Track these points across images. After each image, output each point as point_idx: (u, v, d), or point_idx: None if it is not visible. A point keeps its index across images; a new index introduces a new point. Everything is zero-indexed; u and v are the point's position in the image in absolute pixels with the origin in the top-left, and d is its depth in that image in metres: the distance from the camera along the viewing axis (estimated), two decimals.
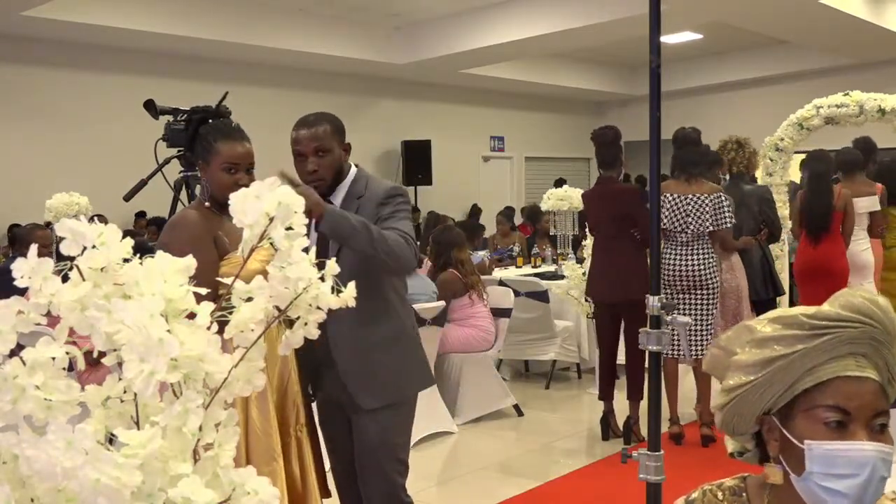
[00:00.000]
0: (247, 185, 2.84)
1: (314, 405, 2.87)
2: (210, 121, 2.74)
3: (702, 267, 4.79)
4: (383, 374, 2.68)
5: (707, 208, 4.76)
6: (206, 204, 2.60)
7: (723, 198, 4.81)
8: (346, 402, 2.70)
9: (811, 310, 1.21)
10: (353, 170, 2.74)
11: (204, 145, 2.59)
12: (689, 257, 4.80)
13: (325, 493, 2.77)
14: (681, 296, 4.83)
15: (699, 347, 4.82)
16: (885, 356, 1.20)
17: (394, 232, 2.55)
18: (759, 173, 6.37)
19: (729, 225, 4.81)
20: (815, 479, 1.17)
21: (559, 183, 9.72)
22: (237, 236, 2.92)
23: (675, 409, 5.00)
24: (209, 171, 2.57)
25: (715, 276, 4.84)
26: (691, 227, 4.76)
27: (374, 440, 2.68)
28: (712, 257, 4.86)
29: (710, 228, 4.78)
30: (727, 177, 5.61)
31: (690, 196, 4.79)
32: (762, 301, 5.45)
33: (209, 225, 2.52)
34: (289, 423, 2.62)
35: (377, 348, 2.67)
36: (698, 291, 4.81)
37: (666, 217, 4.80)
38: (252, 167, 2.61)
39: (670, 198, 4.81)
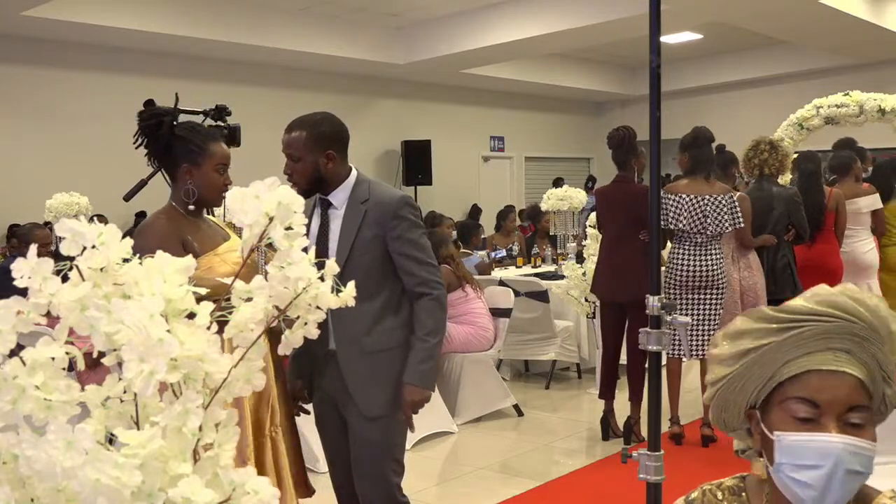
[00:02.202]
0: (229, 184, 2.80)
1: (311, 405, 2.86)
2: (174, 122, 2.65)
3: (714, 267, 4.82)
4: (387, 381, 2.66)
5: (724, 209, 4.79)
6: (174, 205, 2.59)
7: (734, 197, 4.84)
8: (347, 405, 2.69)
9: (790, 304, 1.23)
10: (354, 173, 2.71)
11: (192, 147, 2.57)
12: (704, 257, 4.81)
13: (304, 491, 2.76)
14: (691, 295, 4.85)
15: (707, 346, 4.83)
16: (875, 353, 1.19)
17: (424, 300, 2.65)
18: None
19: (742, 224, 4.84)
20: (784, 469, 1.19)
21: (558, 182, 9.73)
22: (210, 239, 2.87)
23: (676, 409, 5.00)
24: (200, 172, 2.56)
25: (724, 276, 4.87)
26: (710, 228, 4.78)
27: (373, 442, 2.67)
28: (722, 257, 4.90)
29: (728, 229, 4.80)
30: (743, 175, 5.61)
31: (708, 197, 4.80)
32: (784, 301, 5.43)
33: (177, 229, 2.52)
34: (264, 425, 2.60)
35: (382, 353, 2.65)
36: (709, 291, 4.83)
37: (684, 218, 4.81)
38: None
39: (686, 199, 4.82)
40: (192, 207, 2.58)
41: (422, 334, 2.64)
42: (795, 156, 6.14)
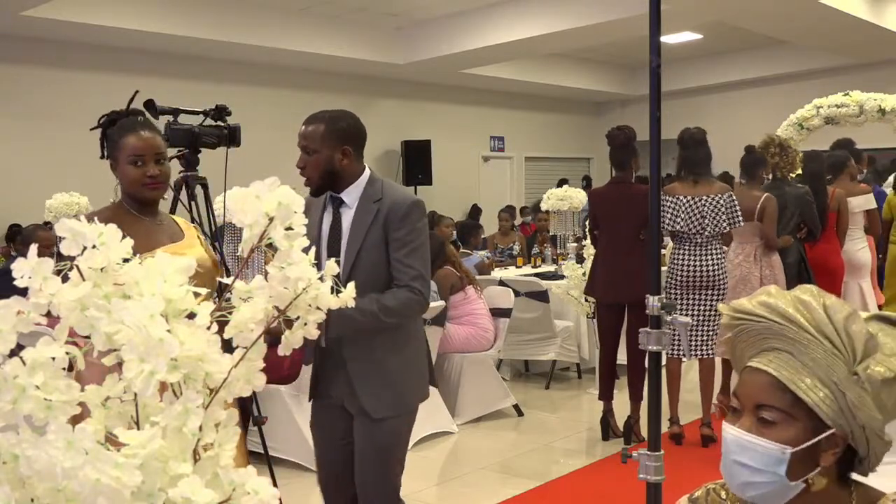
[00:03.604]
0: (157, 176, 2.69)
1: (310, 405, 2.83)
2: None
3: (715, 267, 4.82)
4: (394, 382, 2.65)
5: (722, 208, 4.78)
6: (122, 201, 2.56)
7: (734, 197, 4.83)
8: (354, 406, 2.67)
9: (735, 302, 1.30)
10: (367, 172, 2.70)
11: (111, 144, 2.54)
12: (704, 257, 4.82)
13: None
14: (691, 295, 4.85)
15: (708, 346, 4.85)
16: (816, 357, 1.19)
17: (404, 290, 2.56)
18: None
19: (742, 223, 4.83)
20: None
21: (562, 184, 9.74)
22: (150, 239, 2.79)
23: (676, 409, 5.00)
24: (118, 167, 2.53)
25: (725, 276, 4.87)
26: (708, 228, 4.77)
27: (380, 444, 2.66)
28: (723, 257, 4.91)
29: (727, 229, 4.80)
30: (770, 177, 5.60)
31: (705, 197, 4.79)
32: None
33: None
34: None
35: (389, 355, 2.64)
36: (710, 291, 4.83)
37: (681, 219, 4.81)
38: (162, 158, 2.54)
39: (684, 200, 4.82)
40: (121, 203, 2.55)
41: (379, 304, 2.51)
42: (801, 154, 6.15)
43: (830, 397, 1.18)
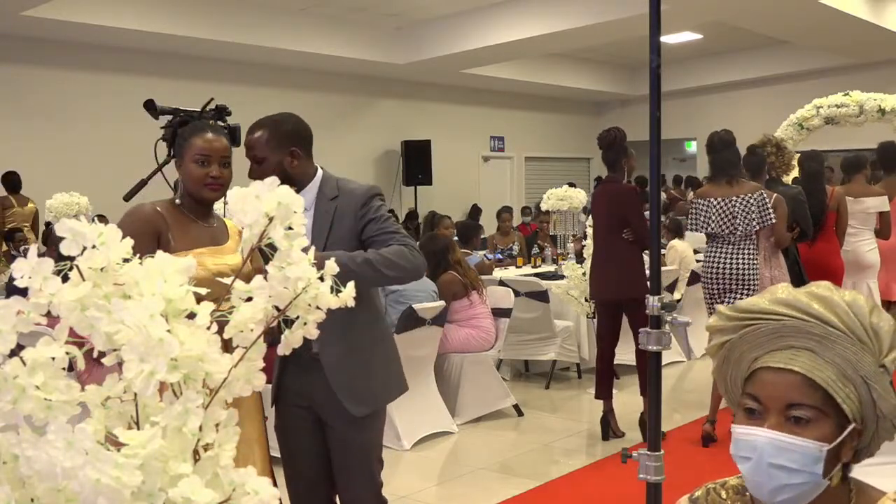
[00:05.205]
0: (218, 178, 2.71)
1: (273, 410, 2.76)
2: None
3: (747, 266, 4.83)
4: (371, 380, 2.63)
5: (753, 208, 4.80)
6: (177, 202, 2.56)
7: (765, 195, 4.84)
8: (331, 409, 2.61)
9: (742, 303, 1.27)
10: (320, 172, 2.66)
11: (179, 142, 2.57)
12: (737, 257, 4.83)
13: None
14: (725, 294, 4.85)
15: None
16: (843, 354, 1.19)
17: (394, 244, 2.51)
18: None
19: (773, 221, 4.85)
20: (736, 460, 1.24)
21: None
22: (194, 239, 2.76)
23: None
24: (183, 165, 2.54)
25: (758, 275, 4.88)
26: (740, 228, 4.79)
27: (360, 445, 2.63)
28: (756, 256, 4.91)
29: (757, 227, 4.82)
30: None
31: (735, 198, 4.81)
32: None
33: (158, 221, 2.45)
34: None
35: (361, 350, 2.61)
36: (743, 290, 4.83)
37: (713, 221, 4.83)
38: (226, 162, 2.56)
39: (715, 202, 4.84)
40: (178, 202, 2.55)
41: (378, 254, 2.46)
42: (797, 155, 6.15)
43: (855, 392, 1.18)
